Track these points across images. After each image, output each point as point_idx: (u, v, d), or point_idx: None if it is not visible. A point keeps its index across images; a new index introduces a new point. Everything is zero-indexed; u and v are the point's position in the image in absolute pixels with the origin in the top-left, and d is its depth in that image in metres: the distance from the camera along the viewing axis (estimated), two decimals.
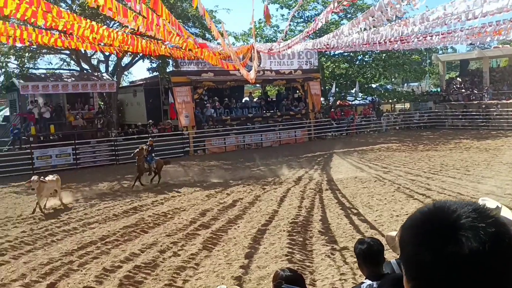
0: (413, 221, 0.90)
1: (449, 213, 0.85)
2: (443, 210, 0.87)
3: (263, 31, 33.98)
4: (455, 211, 0.85)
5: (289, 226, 10.16)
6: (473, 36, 10.79)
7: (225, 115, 26.60)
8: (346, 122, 30.51)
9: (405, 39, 12.37)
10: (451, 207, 0.87)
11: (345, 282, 6.97)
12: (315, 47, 13.86)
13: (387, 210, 11.24)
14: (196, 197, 13.87)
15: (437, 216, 0.87)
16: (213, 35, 10.25)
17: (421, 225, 0.88)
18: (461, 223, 0.83)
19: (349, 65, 34.63)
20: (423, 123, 32.91)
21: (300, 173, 17.42)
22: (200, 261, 8.27)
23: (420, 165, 17.61)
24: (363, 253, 3.30)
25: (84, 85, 22.92)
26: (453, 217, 0.84)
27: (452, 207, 0.87)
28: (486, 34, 10.14)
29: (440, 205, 0.89)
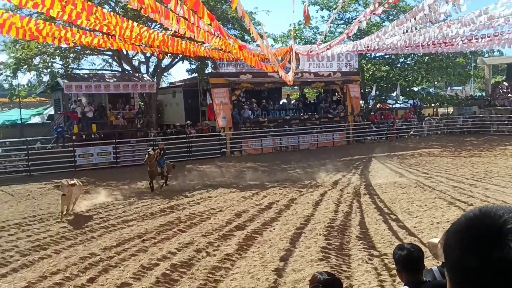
0: (459, 226, 0.88)
1: (496, 219, 0.83)
2: (489, 215, 0.85)
3: (303, 33, 33.80)
4: (501, 216, 0.83)
5: (325, 230, 10.01)
6: None
7: (263, 117, 26.59)
8: (386, 126, 29.87)
9: (449, 41, 12.00)
10: (497, 212, 0.85)
11: None
12: (355, 49, 13.67)
13: (427, 216, 10.90)
14: (232, 198, 13.91)
15: (483, 221, 0.85)
16: (252, 37, 10.24)
17: (466, 231, 0.86)
18: (508, 228, 0.80)
19: (390, 68, 33.91)
20: (467, 128, 31.80)
21: (337, 177, 17.18)
22: (235, 262, 8.26)
23: (462, 171, 17.02)
24: (403, 259, 3.19)
25: (125, 86, 23.47)
26: (499, 222, 0.82)
27: (499, 212, 0.85)
28: None
29: (486, 210, 0.87)
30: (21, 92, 27.60)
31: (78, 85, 22.37)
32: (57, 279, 7.64)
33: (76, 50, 24.40)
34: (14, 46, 23.74)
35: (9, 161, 20.32)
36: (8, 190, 16.46)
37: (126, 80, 24.31)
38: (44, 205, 13.93)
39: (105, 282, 7.50)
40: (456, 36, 10.22)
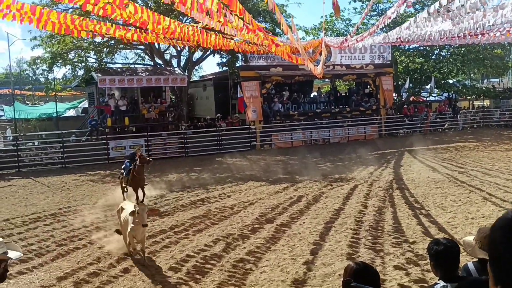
0: (505, 222, 0.86)
1: None
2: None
3: (334, 25, 33.38)
4: None
5: (355, 224, 9.92)
6: None
7: (293, 110, 26.46)
8: (420, 119, 29.21)
9: (486, 32, 11.60)
10: None
11: (414, 284, 6.68)
12: (387, 41, 13.38)
13: (462, 212, 10.65)
14: (262, 191, 13.94)
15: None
16: (283, 29, 10.17)
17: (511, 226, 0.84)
18: None
19: (425, 60, 33.08)
20: (504, 121, 30.75)
21: (368, 171, 16.96)
22: (264, 254, 8.29)
23: (499, 165, 16.50)
24: (439, 255, 3.11)
25: (157, 79, 23.80)
26: None
27: None
28: None
29: None
30: (57, 86, 28.44)
31: (111, 79, 22.84)
32: (91, 269, 7.86)
33: (110, 45, 24.89)
34: (50, 41, 24.42)
35: (45, 153, 20.96)
36: (44, 181, 17.01)
37: (158, 73, 24.65)
38: (78, 196, 14.33)
39: (136, 273, 7.67)
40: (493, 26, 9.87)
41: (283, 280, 7.04)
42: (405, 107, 30.04)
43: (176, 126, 24.04)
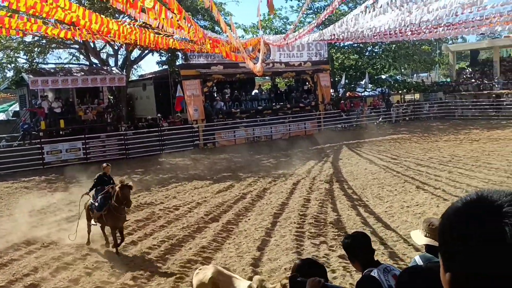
0: (455, 210, 0.89)
1: (492, 202, 0.85)
2: (486, 199, 0.86)
3: (272, 23, 33.82)
4: (497, 200, 0.84)
5: (299, 218, 10.19)
6: (484, 26, 10.65)
7: (235, 108, 26.57)
8: (356, 113, 30.34)
9: (415, 30, 12.26)
10: (493, 196, 0.86)
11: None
12: (322, 38, 13.78)
13: (397, 201, 11.23)
14: (207, 191, 13.94)
15: (479, 204, 0.86)
16: (222, 27, 10.23)
17: (463, 214, 0.87)
18: (504, 211, 0.82)
19: (359, 56, 34.38)
20: (433, 113, 32.64)
21: (310, 165, 17.41)
22: (211, 254, 8.33)
23: (430, 156, 17.51)
24: (350, 246, 3.31)
25: (93, 79, 23.03)
26: (495, 205, 0.83)
27: (494, 196, 0.86)
28: (497, 24, 10.02)
29: (483, 194, 0.88)
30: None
31: (44, 80, 21.82)
32: (28, 281, 7.54)
33: (41, 44, 23.77)
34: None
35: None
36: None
37: (94, 73, 23.85)
38: (12, 204, 13.60)
39: (78, 282, 7.46)
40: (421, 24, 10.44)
41: None
42: (342, 103, 31.07)
43: (116, 127, 23.40)
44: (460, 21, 11.08)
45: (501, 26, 10.64)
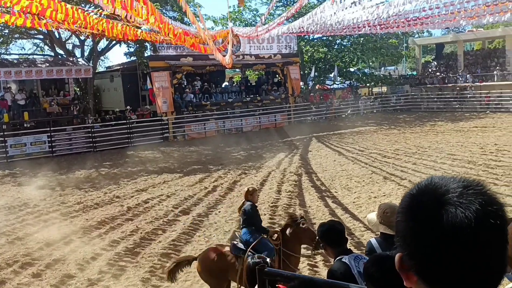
0: (407, 197, 0.92)
1: (438, 188, 0.87)
2: (434, 185, 0.88)
3: (242, 15, 33.68)
4: (445, 186, 0.87)
5: (270, 210, 10.27)
6: (449, 21, 10.92)
7: (205, 100, 26.41)
8: (325, 106, 30.68)
9: (384, 24, 12.46)
10: (442, 182, 0.88)
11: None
12: (291, 31, 13.84)
13: (365, 191, 11.45)
14: (177, 184, 13.85)
15: (427, 190, 0.89)
16: (190, 18, 10.13)
17: (412, 200, 0.90)
18: (448, 197, 0.84)
19: (328, 50, 34.68)
20: (400, 106, 33.35)
21: (280, 157, 17.52)
22: (181, 247, 8.31)
23: (396, 147, 17.90)
24: (325, 235, 3.41)
25: (58, 71, 22.43)
26: (439, 192, 0.86)
27: (443, 183, 0.88)
28: (462, 19, 10.28)
29: (433, 181, 0.90)
30: None
31: (6, 71, 21.11)
32: None
33: (4, 34, 22.95)
34: None
35: None
36: None
37: (60, 65, 23.23)
38: None
39: (44, 277, 7.31)
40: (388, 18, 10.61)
41: None
42: (312, 95, 31.36)
43: (82, 120, 22.89)
44: (426, 16, 11.34)
45: (465, 21, 10.94)
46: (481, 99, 29.67)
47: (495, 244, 0.84)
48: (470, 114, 27.98)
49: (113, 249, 8.29)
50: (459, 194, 0.85)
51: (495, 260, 0.84)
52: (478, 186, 0.87)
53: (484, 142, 17.42)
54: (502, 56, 32.37)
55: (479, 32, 34.61)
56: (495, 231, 0.83)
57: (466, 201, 0.83)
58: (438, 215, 0.83)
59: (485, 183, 0.89)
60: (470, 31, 34.64)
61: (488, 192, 0.87)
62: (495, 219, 0.83)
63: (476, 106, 29.50)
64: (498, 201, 0.87)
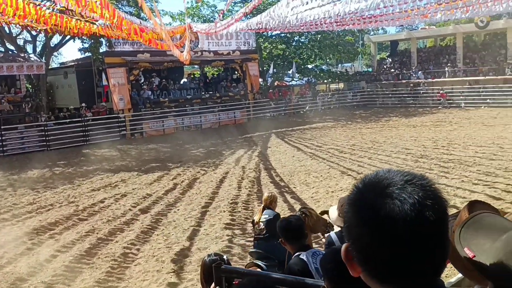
0: (353, 189, 0.94)
1: (382, 181, 0.89)
2: (379, 178, 0.90)
3: (200, 11, 33.39)
4: (388, 179, 0.88)
5: (229, 207, 10.28)
6: (402, 19, 11.24)
7: (163, 97, 26.06)
8: (284, 102, 30.97)
9: (340, 21, 12.69)
10: (386, 175, 0.90)
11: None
12: (250, 28, 13.87)
13: (323, 186, 11.65)
14: (134, 182, 13.63)
15: (372, 183, 0.90)
16: (146, 14, 9.96)
17: (357, 193, 0.92)
18: (390, 190, 0.86)
19: (286, 46, 34.99)
20: (356, 102, 34.11)
21: (239, 154, 17.55)
22: (139, 246, 8.19)
23: (353, 142, 18.31)
24: (284, 230, 3.45)
25: (9, 67, 21.53)
26: (384, 185, 0.88)
27: (387, 176, 0.89)
28: (415, 17, 10.60)
29: (378, 174, 0.92)
30: None
31: None
32: None
33: None
34: None
35: None
36: None
37: (10, 61, 22.26)
38: None
39: None
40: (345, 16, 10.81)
41: (158, 270, 7.05)
42: (271, 92, 31.57)
43: (35, 118, 22.07)
44: (380, 13, 11.63)
45: (418, 19, 11.28)
46: (434, 95, 30.78)
47: (432, 237, 0.85)
48: (423, 109, 28.99)
49: (68, 250, 8.07)
50: (400, 188, 0.86)
51: (432, 252, 0.86)
52: (420, 180, 0.88)
53: (436, 136, 18.09)
54: (453, 53, 33.67)
55: (432, 30, 35.88)
56: (432, 224, 0.84)
57: (406, 194, 0.85)
58: (378, 207, 0.85)
59: (429, 177, 0.90)
60: (423, 28, 35.85)
61: (429, 186, 0.88)
62: (432, 213, 0.84)
63: (429, 101, 30.59)
64: (438, 195, 0.88)
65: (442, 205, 0.87)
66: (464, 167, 12.44)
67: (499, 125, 20.15)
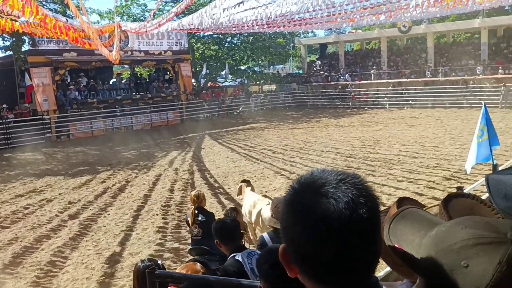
0: (289, 190, 0.94)
1: (317, 180, 0.90)
2: (313, 178, 0.91)
3: (130, 10, 32.56)
4: (323, 179, 0.90)
5: (162, 210, 10.13)
6: (330, 22, 11.65)
7: (91, 98, 25.10)
8: (218, 103, 30.97)
9: (271, 23, 12.91)
10: (321, 175, 0.91)
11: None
12: (182, 28, 13.75)
13: (257, 186, 11.75)
14: (61, 186, 13.02)
15: (306, 183, 0.91)
16: (72, 11, 9.58)
17: (292, 193, 0.92)
18: (325, 189, 0.87)
19: (219, 47, 35.03)
20: (288, 103, 34.90)
21: (172, 156, 17.32)
22: (67, 254, 7.85)
23: (285, 143, 18.70)
24: (219, 231, 3.48)
25: None
26: (318, 184, 0.89)
27: (322, 176, 0.90)
28: (342, 21, 11.02)
29: (313, 173, 0.93)
30: None
31: None
32: None
33: None
34: None
35: None
36: None
37: None
38: None
39: None
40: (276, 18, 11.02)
41: (88, 278, 6.79)
42: (204, 93, 31.47)
43: None
44: (310, 17, 11.99)
45: (345, 22, 11.74)
46: (361, 96, 32.19)
47: (366, 234, 0.87)
48: (350, 110, 30.20)
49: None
50: (334, 187, 0.87)
51: (366, 249, 0.87)
52: (353, 179, 0.90)
53: (363, 136, 18.94)
54: (378, 56, 35.40)
55: (358, 34, 37.48)
56: (365, 221, 0.86)
57: (340, 193, 0.86)
58: (314, 207, 0.86)
59: (361, 175, 0.93)
60: (350, 32, 37.34)
61: (362, 184, 0.89)
62: (366, 210, 0.86)
63: (356, 103, 31.93)
64: (371, 193, 0.90)
65: (374, 203, 0.89)
66: (389, 165, 13.14)
67: (421, 125, 21.49)
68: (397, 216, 1.08)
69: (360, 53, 38.86)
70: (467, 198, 1.07)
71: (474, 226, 0.88)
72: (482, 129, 7.09)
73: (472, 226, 0.88)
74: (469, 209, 1.06)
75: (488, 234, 0.84)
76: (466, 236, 0.85)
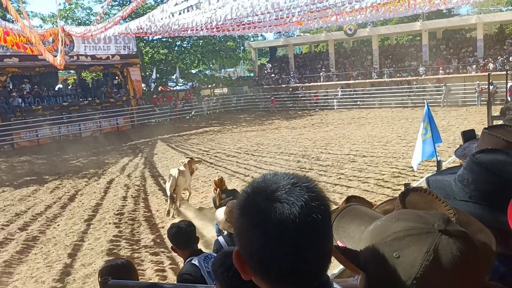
0: (242, 195, 0.94)
1: (269, 185, 0.90)
2: (266, 182, 0.91)
3: (74, 13, 31.59)
4: (275, 183, 0.90)
5: (115, 218, 9.88)
6: (279, 26, 11.81)
7: (36, 105, 24.12)
8: (169, 107, 30.58)
9: (220, 26, 12.92)
10: (274, 179, 0.91)
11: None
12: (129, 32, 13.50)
13: (211, 191, 11.72)
14: (5, 198, 12.42)
15: (259, 188, 0.91)
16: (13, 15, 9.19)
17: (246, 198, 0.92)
18: (278, 194, 0.88)
19: (169, 51, 34.64)
20: (240, 106, 35.00)
21: (124, 162, 16.93)
22: (14, 268, 7.49)
23: (239, 146, 18.74)
24: (174, 236, 3.45)
25: None
26: (271, 189, 0.89)
27: (274, 179, 0.91)
28: (291, 24, 11.21)
29: (265, 178, 0.93)
30: None
31: None
32: None
33: None
34: None
35: None
36: None
37: None
38: None
39: None
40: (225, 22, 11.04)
41: None
42: (155, 97, 31.00)
43: None
44: (259, 20, 12.10)
45: (293, 26, 11.94)
46: (311, 98, 32.80)
47: (319, 236, 0.88)
48: (302, 112, 30.70)
49: None
50: (288, 191, 0.88)
51: (318, 251, 0.89)
52: (305, 182, 0.90)
53: (315, 137, 19.30)
54: (326, 59, 36.20)
55: (306, 37, 38.20)
56: (319, 224, 0.87)
57: (293, 198, 0.87)
58: (268, 212, 0.87)
59: (313, 178, 0.94)
60: (299, 35, 37.99)
61: (314, 188, 0.90)
62: (319, 213, 0.87)
63: (307, 104, 32.51)
64: (322, 196, 0.91)
65: (326, 205, 0.90)
66: (340, 165, 13.46)
67: (369, 124, 22.16)
68: (339, 214, 1.11)
69: (309, 55, 39.59)
70: (424, 193, 1.11)
71: (405, 219, 0.92)
72: (426, 127, 7.41)
73: (404, 219, 0.92)
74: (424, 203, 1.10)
75: (417, 225, 0.89)
76: (398, 228, 0.90)
